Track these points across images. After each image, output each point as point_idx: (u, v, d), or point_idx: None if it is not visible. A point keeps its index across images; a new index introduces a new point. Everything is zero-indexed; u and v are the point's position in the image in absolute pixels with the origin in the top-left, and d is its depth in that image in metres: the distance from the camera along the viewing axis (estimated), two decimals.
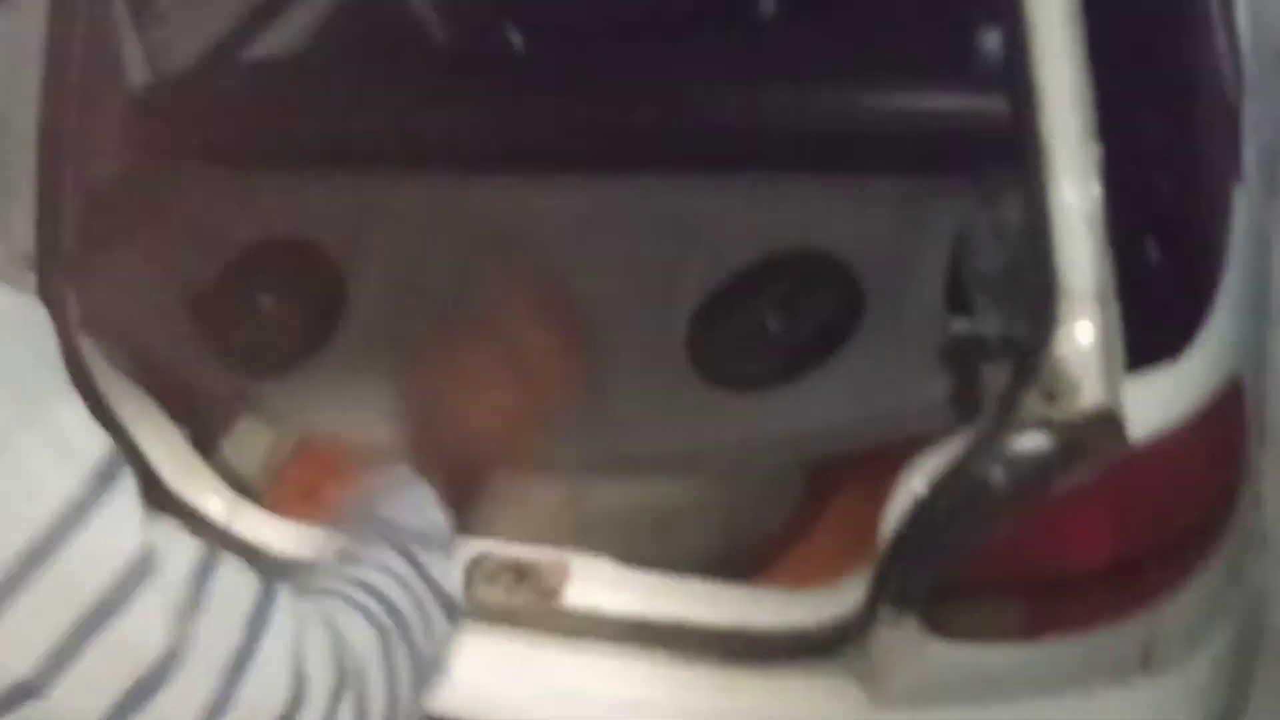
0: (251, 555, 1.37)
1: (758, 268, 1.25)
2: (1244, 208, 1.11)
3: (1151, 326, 0.97)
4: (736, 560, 1.39)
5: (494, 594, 1.26)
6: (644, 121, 1.29)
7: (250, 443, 1.56)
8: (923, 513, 1.03)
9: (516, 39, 1.93)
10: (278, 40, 1.77)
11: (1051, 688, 1.11)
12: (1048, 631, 1.07)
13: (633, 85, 1.34)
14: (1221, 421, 1.00)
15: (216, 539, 1.38)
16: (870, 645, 1.11)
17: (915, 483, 1.04)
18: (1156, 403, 0.96)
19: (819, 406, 1.19)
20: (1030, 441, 0.97)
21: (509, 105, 1.38)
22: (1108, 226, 0.93)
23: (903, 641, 1.08)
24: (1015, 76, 0.95)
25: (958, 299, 1.14)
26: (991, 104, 1.08)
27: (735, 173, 1.29)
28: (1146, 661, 1.10)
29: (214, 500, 1.39)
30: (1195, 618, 1.13)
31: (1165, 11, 1.07)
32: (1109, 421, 0.94)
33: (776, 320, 1.22)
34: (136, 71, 1.54)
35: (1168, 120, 1.06)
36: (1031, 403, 0.97)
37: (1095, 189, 0.93)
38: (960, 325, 1.11)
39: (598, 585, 1.25)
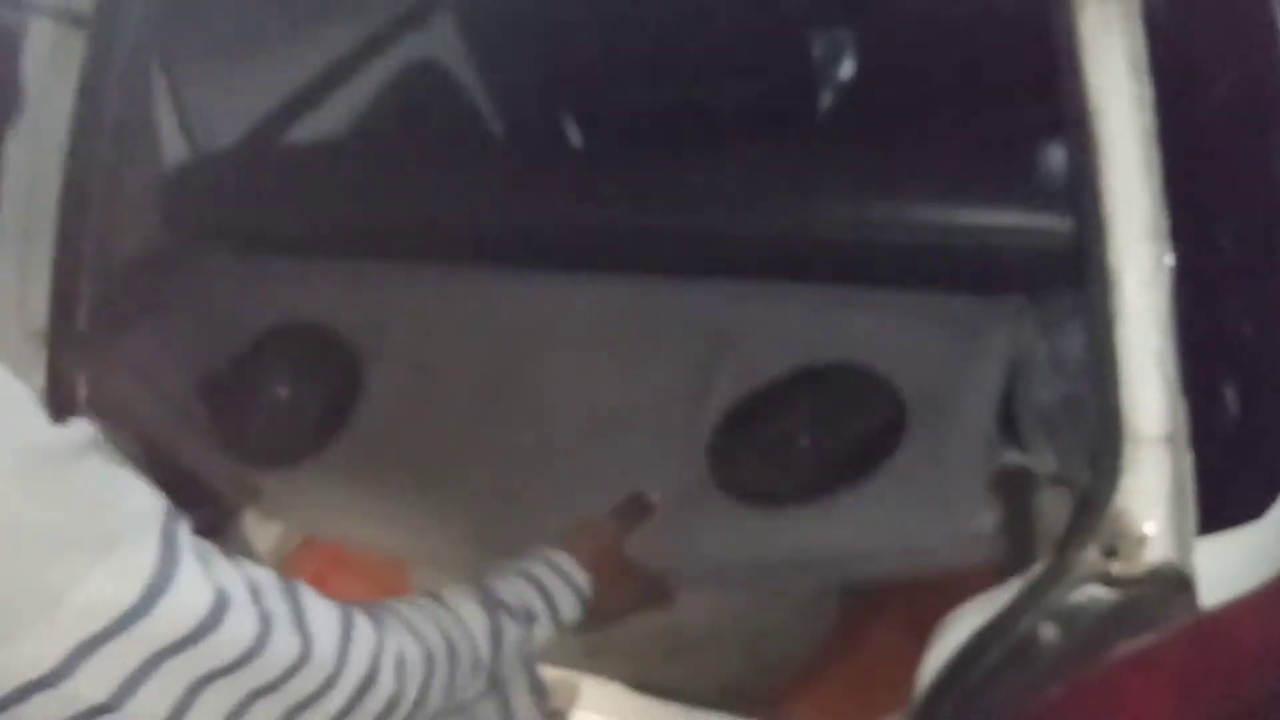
0: None
1: (791, 378, 1.17)
2: None
3: (1230, 481, 0.87)
4: (757, 689, 1.29)
5: None
6: (684, 226, 1.23)
7: (257, 533, 1.51)
8: (964, 667, 0.93)
9: (571, 129, 1.91)
10: (323, 122, 1.76)
11: None
12: None
13: (675, 188, 1.28)
14: None
15: None
16: None
17: (957, 634, 0.95)
18: (1233, 565, 0.86)
19: (849, 531, 1.08)
20: (1087, 597, 0.88)
21: (544, 201, 1.33)
22: (1182, 367, 0.85)
23: None
24: (1082, 199, 0.88)
25: (1009, 429, 1.06)
26: (1055, 223, 1.01)
27: (776, 282, 1.22)
28: None
29: None
30: None
31: (1249, 128, 0.99)
32: (1177, 581, 0.85)
33: (808, 434, 1.13)
34: (173, 149, 1.53)
35: (1253, 252, 0.98)
36: (1090, 555, 0.88)
37: (1168, 325, 0.85)
38: (1012, 456, 1.02)
39: (609, 710, 1.16)
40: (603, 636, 1.27)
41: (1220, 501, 0.85)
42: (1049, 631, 0.89)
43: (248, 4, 1.53)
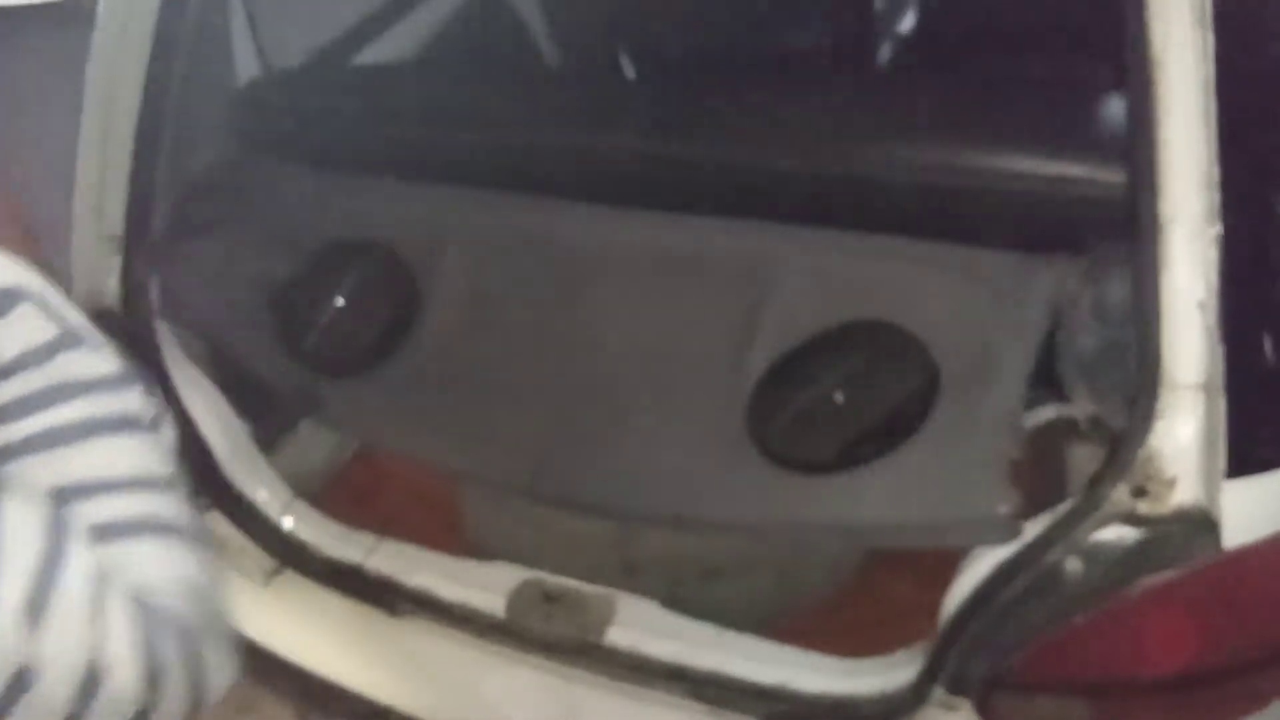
0: (299, 550, 1.38)
1: (830, 337, 1.17)
2: None
3: (1261, 429, 0.90)
4: (782, 616, 1.34)
5: (535, 622, 1.23)
6: (735, 160, 1.25)
7: (312, 443, 1.57)
8: (989, 595, 0.97)
9: (628, 67, 1.92)
10: (389, 48, 1.79)
11: None
12: None
13: (733, 125, 1.30)
14: None
15: (267, 531, 1.39)
16: None
17: (984, 563, 0.98)
18: (1259, 509, 0.88)
19: (875, 502, 1.10)
20: (1113, 535, 0.91)
21: (597, 131, 1.36)
22: (1223, 317, 0.87)
23: None
24: (1137, 147, 0.89)
25: (1049, 377, 1.08)
26: (1106, 174, 1.03)
27: (824, 226, 1.23)
28: None
29: (266, 494, 1.39)
30: None
31: None
32: (1202, 523, 0.88)
33: (843, 402, 1.13)
34: (246, 67, 1.57)
35: None
36: (1119, 494, 0.91)
37: (1213, 277, 0.87)
38: (1047, 412, 1.04)
39: (642, 626, 1.21)
40: (642, 556, 1.33)
41: (1250, 448, 0.88)
42: (1074, 565, 0.92)
43: None
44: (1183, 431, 0.88)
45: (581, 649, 1.21)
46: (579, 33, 2.05)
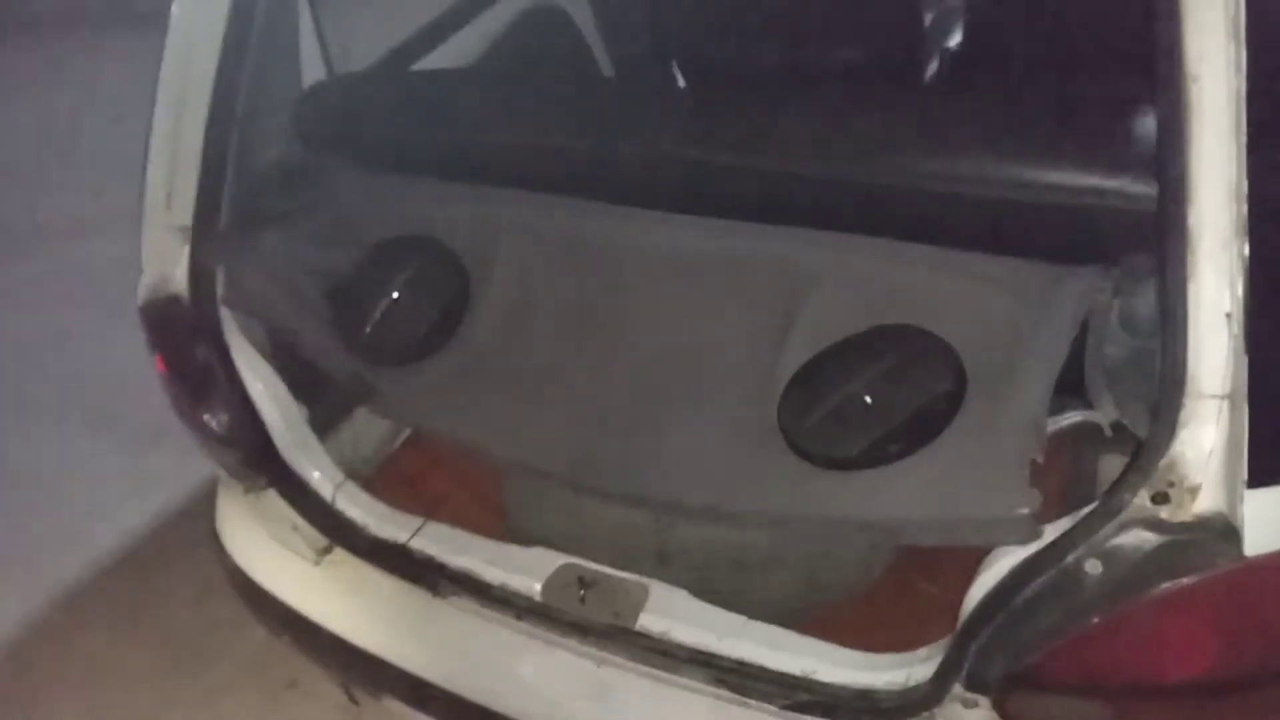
0: (349, 529, 1.44)
1: (861, 340, 1.20)
2: None
3: None
4: (809, 610, 1.37)
5: (570, 605, 1.28)
6: (778, 168, 1.28)
7: (365, 429, 1.63)
8: (1008, 594, 0.99)
9: (679, 76, 1.97)
10: (450, 54, 1.86)
11: None
12: None
13: (776, 135, 1.32)
14: None
15: (319, 510, 1.46)
16: None
17: (1005, 562, 1.01)
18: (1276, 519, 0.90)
19: (899, 499, 1.12)
20: (1133, 539, 0.93)
21: (654, 140, 1.39)
22: (1249, 329, 0.89)
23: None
24: (1168, 159, 0.91)
25: (1075, 385, 1.10)
26: (1137, 187, 1.05)
27: (860, 230, 1.26)
28: None
29: (319, 475, 1.46)
30: None
31: None
32: (1224, 531, 0.90)
33: (872, 402, 1.16)
34: (312, 69, 1.64)
35: None
36: (1141, 500, 0.93)
37: (1240, 288, 0.89)
38: (1072, 418, 1.06)
39: (672, 614, 1.25)
40: (675, 546, 1.37)
41: (1274, 457, 0.90)
42: (1094, 567, 0.95)
43: None
44: (1206, 440, 0.91)
45: (613, 633, 1.25)
46: (632, 43, 2.10)
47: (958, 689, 1.06)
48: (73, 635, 2.37)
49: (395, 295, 1.46)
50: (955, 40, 2.07)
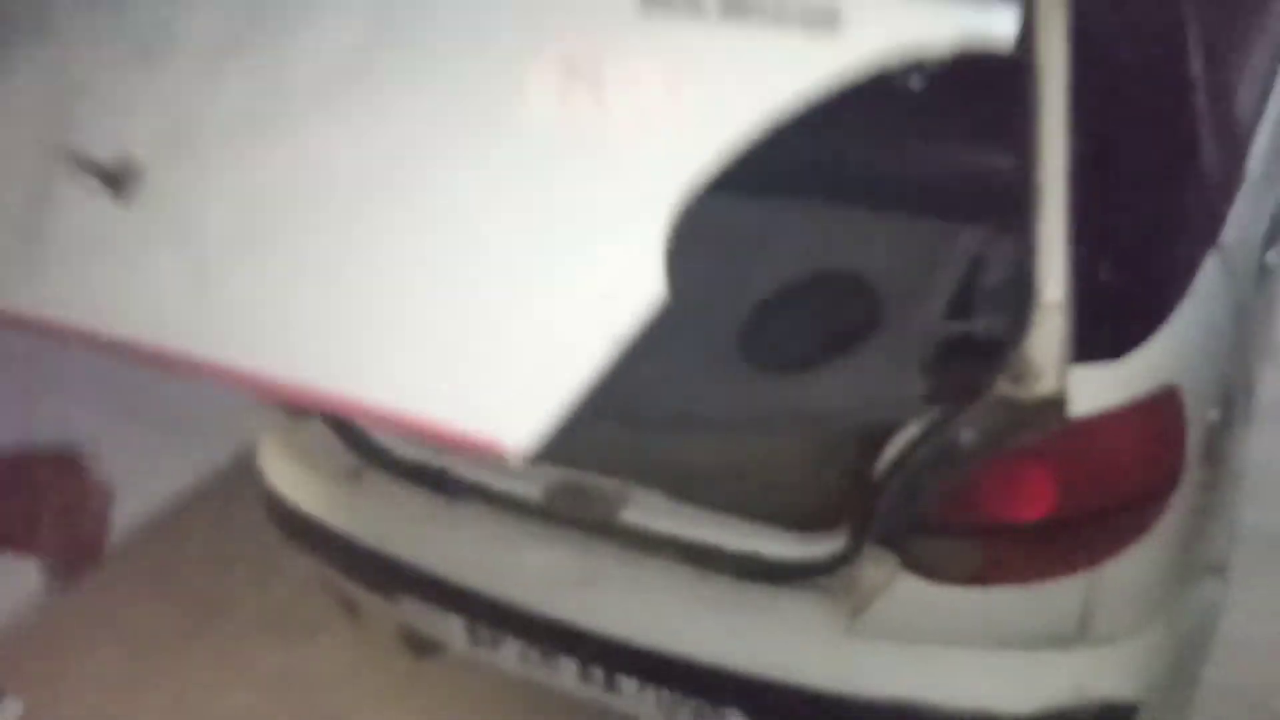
0: (379, 451, 1.72)
1: (805, 281, 1.54)
2: (1214, 269, 1.35)
3: (1104, 332, 1.22)
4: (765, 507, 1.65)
5: (565, 507, 1.57)
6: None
7: None
8: (904, 460, 1.29)
9: None
10: None
11: (999, 639, 1.34)
12: (997, 578, 1.31)
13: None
14: (1153, 417, 1.24)
15: (354, 435, 1.73)
16: (858, 575, 1.37)
17: (901, 437, 1.31)
18: (1097, 390, 1.21)
19: (829, 393, 1.44)
20: (995, 412, 1.24)
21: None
22: (1078, 257, 1.20)
23: (882, 574, 1.34)
24: (1025, 147, 1.23)
25: (962, 309, 1.42)
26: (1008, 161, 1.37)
27: (809, 200, 1.59)
28: (1084, 629, 1.33)
29: None
30: (1132, 598, 1.35)
31: (1155, 102, 1.33)
32: (1057, 401, 1.21)
33: (813, 323, 1.51)
34: None
35: (1150, 189, 1.33)
36: (1002, 383, 1.24)
37: (1067, 226, 1.20)
38: (959, 327, 1.38)
39: (648, 509, 1.54)
40: (654, 457, 1.66)
41: (1093, 344, 1.21)
42: (967, 434, 1.25)
43: None
44: (1047, 337, 1.21)
45: (601, 527, 1.54)
46: None
47: (872, 548, 1.35)
48: (97, 598, 2.58)
49: None
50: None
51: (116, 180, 1.11)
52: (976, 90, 1.54)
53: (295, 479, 1.85)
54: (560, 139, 0.98)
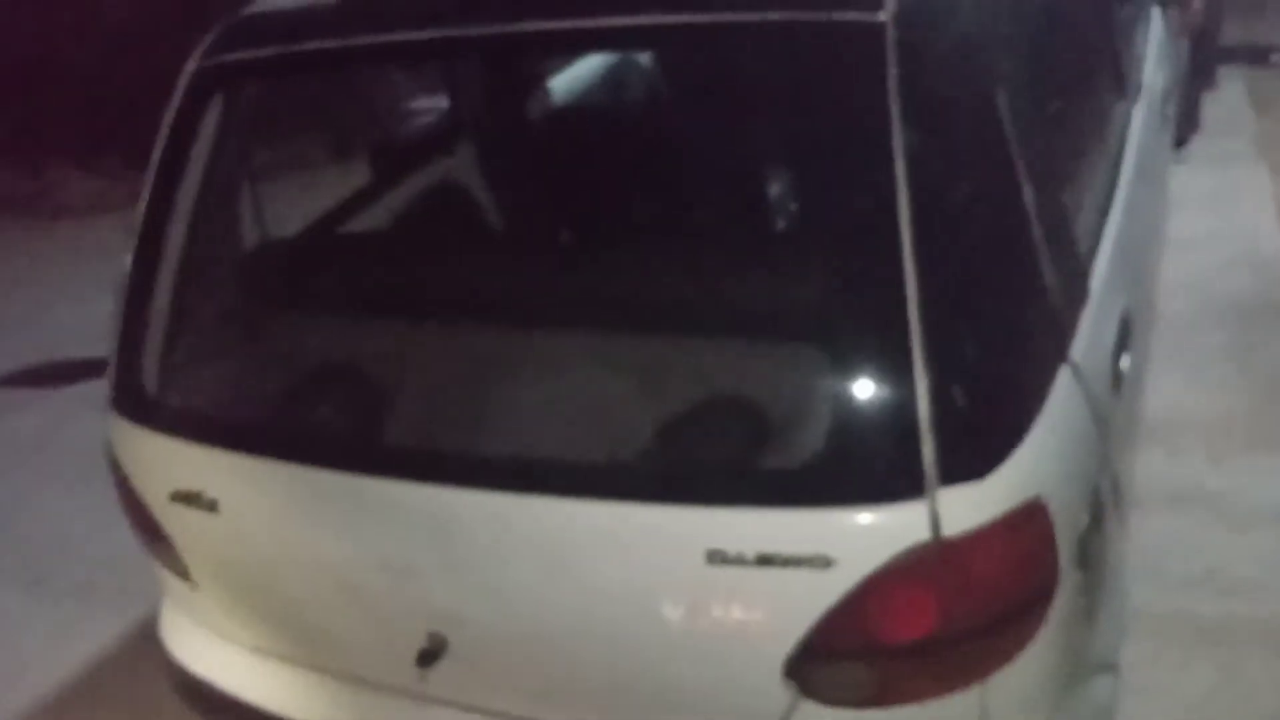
0: None
1: (698, 407, 1.56)
2: (1067, 382, 1.44)
3: (966, 454, 1.29)
4: None
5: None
6: (630, 295, 1.64)
7: None
8: None
9: (566, 235, 2.37)
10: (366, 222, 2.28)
11: None
12: (893, 699, 1.34)
13: (627, 271, 1.70)
14: (1021, 529, 1.29)
15: None
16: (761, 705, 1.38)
17: None
18: (965, 510, 1.27)
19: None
20: None
21: (528, 277, 1.76)
22: (935, 385, 1.27)
23: (785, 701, 1.36)
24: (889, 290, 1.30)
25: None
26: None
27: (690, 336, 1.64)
28: None
29: None
30: (1025, 704, 1.39)
31: (992, 237, 1.43)
32: (930, 521, 1.26)
33: (706, 444, 1.51)
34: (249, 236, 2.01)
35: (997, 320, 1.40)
36: None
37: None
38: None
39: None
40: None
41: (957, 466, 1.27)
42: None
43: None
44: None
45: None
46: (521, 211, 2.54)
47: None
48: None
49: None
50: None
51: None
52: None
53: (195, 648, 1.81)
54: None
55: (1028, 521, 1.31)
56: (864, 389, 1.35)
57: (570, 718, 1.56)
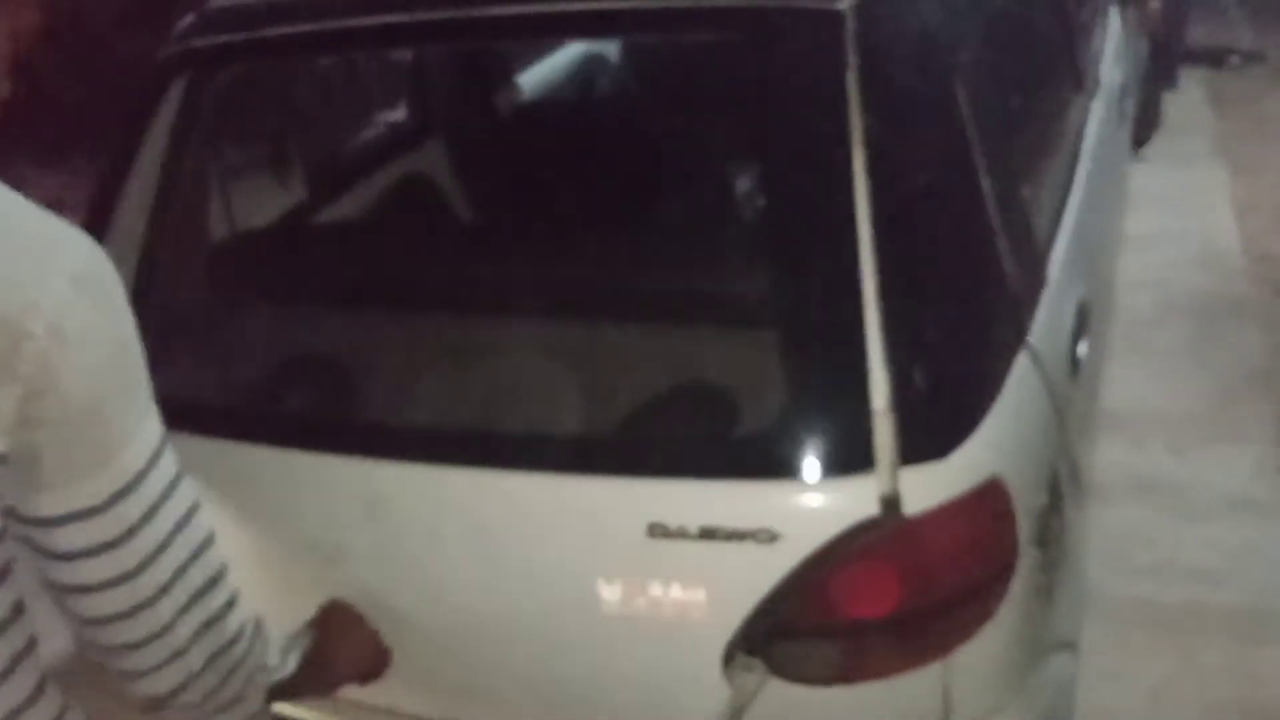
0: None
1: (664, 395, 1.58)
2: (1026, 366, 1.47)
3: (927, 434, 1.31)
4: None
5: None
6: (604, 285, 1.64)
7: None
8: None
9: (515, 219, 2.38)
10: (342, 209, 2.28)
11: None
12: (859, 675, 1.36)
13: (604, 260, 1.71)
14: (981, 508, 1.32)
15: None
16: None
17: None
18: (926, 489, 1.29)
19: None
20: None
21: (499, 271, 1.76)
22: (896, 367, 1.29)
23: (752, 681, 1.37)
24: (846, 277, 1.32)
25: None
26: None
27: (658, 323, 1.65)
28: (948, 714, 1.38)
29: None
30: (987, 680, 1.41)
31: (952, 224, 1.46)
32: (892, 503, 1.28)
33: (675, 425, 1.52)
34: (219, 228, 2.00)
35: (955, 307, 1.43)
36: None
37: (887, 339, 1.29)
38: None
39: None
40: None
41: (918, 446, 1.30)
42: None
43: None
44: (881, 440, 1.30)
45: None
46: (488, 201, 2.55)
47: (740, 656, 1.39)
48: None
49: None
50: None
51: None
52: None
53: None
54: None
55: (988, 500, 1.33)
56: (813, 365, 1.37)
57: None
